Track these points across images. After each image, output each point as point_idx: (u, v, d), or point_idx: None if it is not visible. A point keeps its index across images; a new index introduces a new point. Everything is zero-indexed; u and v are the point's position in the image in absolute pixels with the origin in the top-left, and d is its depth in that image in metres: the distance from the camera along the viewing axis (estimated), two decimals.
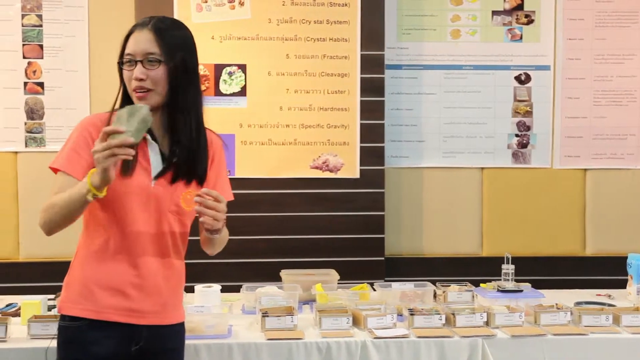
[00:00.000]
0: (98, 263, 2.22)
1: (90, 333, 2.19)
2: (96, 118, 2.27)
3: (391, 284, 3.32)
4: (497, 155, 4.30)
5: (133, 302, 2.23)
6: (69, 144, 2.23)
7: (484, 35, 4.28)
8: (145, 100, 2.19)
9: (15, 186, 4.05)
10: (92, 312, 2.19)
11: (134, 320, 2.23)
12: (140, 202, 2.21)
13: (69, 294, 2.24)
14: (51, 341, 2.49)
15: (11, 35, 4.01)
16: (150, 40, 2.19)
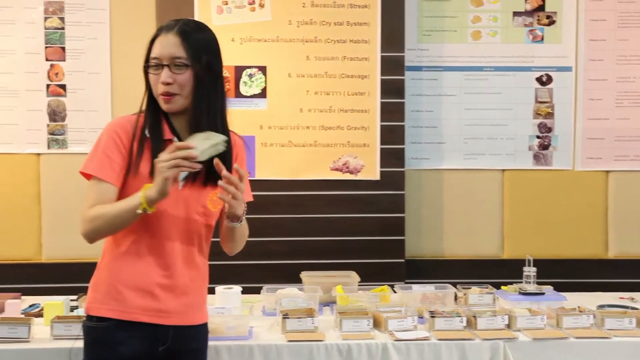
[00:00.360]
0: (126, 264, 2.23)
1: (117, 333, 2.20)
2: (124, 120, 2.28)
3: (412, 286, 3.31)
4: (518, 157, 4.28)
5: (160, 302, 2.25)
6: (100, 148, 2.23)
7: (505, 37, 4.26)
8: (171, 104, 2.21)
9: (37, 188, 4.08)
10: (119, 313, 2.21)
11: (161, 320, 2.25)
12: (168, 204, 2.23)
13: (96, 294, 2.25)
14: (74, 342, 2.51)
15: (34, 38, 4.04)
16: (176, 45, 2.20)
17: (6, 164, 4.05)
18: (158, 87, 2.21)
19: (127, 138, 2.20)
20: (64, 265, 4.03)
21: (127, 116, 2.30)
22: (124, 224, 2.16)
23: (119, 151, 2.19)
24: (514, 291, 3.45)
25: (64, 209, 4.03)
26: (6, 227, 4.05)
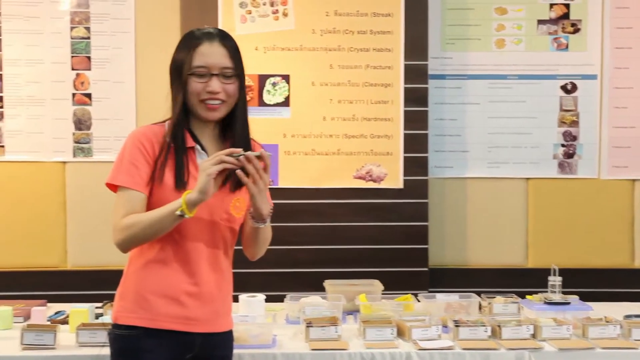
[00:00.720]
0: (153, 272, 2.24)
1: (145, 341, 2.21)
2: (147, 129, 2.29)
3: (435, 295, 3.30)
4: (542, 166, 4.26)
5: (188, 310, 2.25)
6: (125, 158, 2.23)
7: (529, 45, 4.24)
8: (217, 112, 2.25)
9: (63, 196, 4.12)
10: (148, 321, 2.22)
11: (188, 328, 2.26)
12: (197, 211, 2.23)
13: (124, 303, 2.26)
14: (100, 349, 2.53)
15: (60, 48, 4.08)
16: (224, 55, 2.24)
17: (33, 172, 4.09)
18: (202, 94, 2.23)
19: (151, 147, 2.22)
20: (89, 273, 4.06)
21: (149, 126, 2.31)
22: (161, 231, 2.17)
23: (145, 160, 2.20)
24: (539, 301, 3.43)
25: (89, 216, 4.07)
26: (32, 234, 4.09)
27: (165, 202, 2.17)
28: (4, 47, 4.06)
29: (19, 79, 4.07)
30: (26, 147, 4.09)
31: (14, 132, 4.08)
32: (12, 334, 2.85)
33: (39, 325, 2.81)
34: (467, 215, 4.26)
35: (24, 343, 2.69)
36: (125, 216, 2.18)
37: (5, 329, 2.95)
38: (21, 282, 4.02)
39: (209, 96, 2.22)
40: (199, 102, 2.24)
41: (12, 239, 4.09)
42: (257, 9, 3.99)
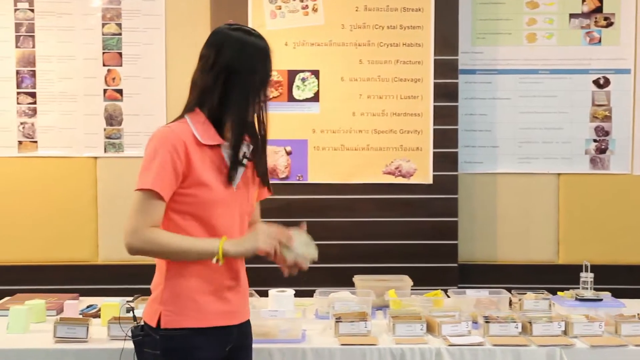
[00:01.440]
0: (198, 273, 2.24)
1: (194, 339, 2.23)
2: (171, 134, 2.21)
3: (465, 291, 3.28)
4: (574, 161, 4.22)
5: (230, 304, 2.29)
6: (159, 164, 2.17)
7: (561, 39, 4.19)
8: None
9: (94, 191, 4.16)
10: (197, 321, 2.23)
11: (230, 321, 2.30)
12: (228, 208, 2.26)
13: (172, 307, 2.23)
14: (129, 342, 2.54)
15: (92, 44, 4.12)
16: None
17: (65, 167, 4.14)
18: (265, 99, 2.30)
19: (184, 152, 2.18)
20: (119, 267, 4.10)
21: (174, 128, 2.24)
22: (183, 260, 2.22)
23: (176, 173, 2.17)
24: (570, 297, 3.40)
25: (120, 211, 4.08)
26: (64, 229, 4.14)
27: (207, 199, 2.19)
28: (37, 43, 4.11)
29: (51, 75, 4.12)
30: (58, 142, 4.13)
31: (47, 127, 4.13)
32: (46, 327, 2.88)
33: (72, 319, 2.84)
34: (497, 211, 4.24)
35: (57, 336, 2.73)
36: (150, 226, 2.16)
37: (38, 322, 2.99)
38: (53, 276, 4.07)
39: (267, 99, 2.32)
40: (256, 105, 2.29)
41: (44, 234, 4.14)
42: (286, 4, 4.00)
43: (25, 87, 4.12)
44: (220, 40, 2.27)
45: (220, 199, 2.23)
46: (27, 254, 4.14)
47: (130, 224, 2.17)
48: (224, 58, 2.24)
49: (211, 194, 2.21)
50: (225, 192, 2.24)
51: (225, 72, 2.23)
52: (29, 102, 4.12)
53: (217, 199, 2.23)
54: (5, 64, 4.11)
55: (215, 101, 2.24)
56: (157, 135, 2.22)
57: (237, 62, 2.24)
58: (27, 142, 4.13)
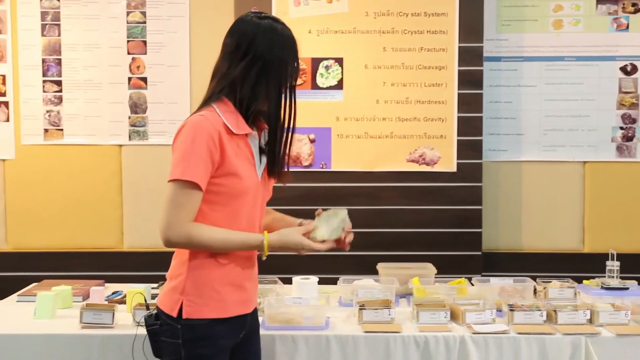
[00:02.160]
0: (220, 263, 2.25)
1: (216, 329, 2.24)
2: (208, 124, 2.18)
3: (490, 279, 3.27)
4: (600, 149, 4.18)
5: (248, 293, 2.32)
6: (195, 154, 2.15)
7: (588, 25, 4.15)
8: None
9: (119, 178, 4.19)
10: (220, 311, 2.25)
11: (247, 309, 2.33)
12: (252, 198, 2.27)
13: (194, 298, 2.23)
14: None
15: (117, 32, 4.14)
16: None
17: (90, 155, 4.17)
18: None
19: (220, 141, 2.17)
20: (144, 254, 4.13)
21: (208, 118, 2.20)
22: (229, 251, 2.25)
23: (213, 163, 2.17)
24: (596, 286, 3.37)
25: (145, 199, 4.13)
26: (90, 216, 4.18)
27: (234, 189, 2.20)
28: (62, 32, 4.13)
29: (76, 63, 4.15)
30: (84, 130, 4.16)
31: (72, 115, 4.16)
32: (72, 313, 2.91)
33: (98, 305, 2.87)
34: (521, 199, 4.21)
35: (83, 322, 2.75)
36: (189, 219, 2.16)
37: (65, 308, 3.02)
38: (79, 263, 4.12)
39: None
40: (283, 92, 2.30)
41: (70, 221, 4.18)
42: None
43: (51, 75, 4.15)
44: (252, 30, 2.24)
45: (248, 188, 2.24)
46: (53, 241, 4.18)
47: (165, 217, 2.14)
48: (257, 48, 2.22)
49: (241, 184, 2.21)
50: (252, 182, 2.25)
51: (258, 62, 2.22)
52: (55, 91, 4.15)
53: (246, 188, 2.23)
54: (32, 53, 4.14)
55: (246, 91, 2.22)
56: (192, 124, 2.18)
57: (271, 52, 2.22)
58: (53, 130, 4.17)
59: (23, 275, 3.86)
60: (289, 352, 2.69)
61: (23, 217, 4.18)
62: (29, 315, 2.90)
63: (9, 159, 4.18)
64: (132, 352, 2.63)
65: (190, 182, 2.13)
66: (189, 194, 2.14)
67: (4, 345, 2.69)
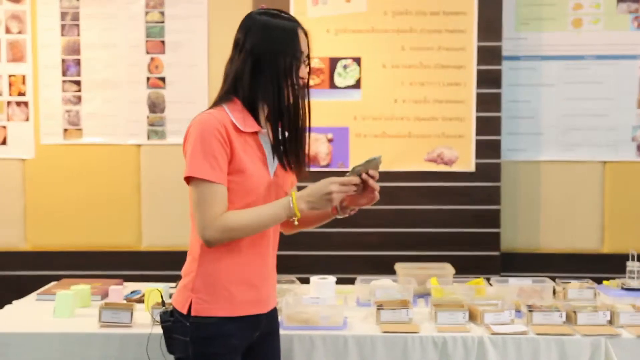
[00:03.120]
0: (231, 262, 2.23)
1: (225, 327, 2.23)
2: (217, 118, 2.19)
3: (508, 279, 3.25)
4: (620, 149, 4.15)
5: (260, 292, 2.28)
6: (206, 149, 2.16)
7: (608, 24, 4.12)
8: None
9: (138, 178, 4.21)
10: (229, 310, 2.23)
11: (260, 309, 2.29)
12: (264, 195, 2.25)
13: (204, 296, 2.23)
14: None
15: (135, 32, 4.16)
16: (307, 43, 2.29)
17: (109, 154, 4.19)
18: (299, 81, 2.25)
19: (228, 137, 2.17)
20: (162, 254, 4.15)
21: (214, 114, 2.20)
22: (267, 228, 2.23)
23: (227, 154, 2.17)
24: (616, 286, 3.34)
25: (163, 198, 4.14)
26: (108, 216, 4.20)
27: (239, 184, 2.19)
28: (82, 32, 4.16)
29: (95, 62, 4.17)
30: (102, 130, 4.19)
31: (91, 115, 4.18)
32: (91, 312, 2.93)
33: (116, 304, 2.87)
34: (540, 198, 4.19)
35: (102, 320, 2.76)
36: (220, 213, 2.15)
37: (84, 307, 3.03)
38: (98, 262, 4.14)
39: (302, 82, 2.26)
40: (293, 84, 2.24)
41: (89, 220, 4.21)
42: None
43: (70, 75, 4.18)
44: (248, 25, 2.26)
45: (258, 186, 2.22)
46: (72, 240, 4.21)
47: (198, 220, 2.15)
48: (249, 42, 2.22)
49: (250, 181, 2.20)
50: (263, 179, 2.23)
51: (251, 56, 2.21)
52: (74, 90, 4.18)
53: (255, 186, 2.22)
54: (51, 52, 4.17)
55: (246, 88, 2.22)
56: (199, 122, 2.18)
57: (261, 45, 2.21)
58: (72, 130, 4.19)
59: (42, 274, 3.88)
60: (306, 352, 2.69)
61: (42, 216, 4.21)
62: (48, 314, 2.92)
63: (28, 159, 4.21)
64: (147, 350, 2.63)
65: (203, 179, 2.14)
66: (211, 190, 2.14)
67: (23, 344, 2.71)
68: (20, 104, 4.19)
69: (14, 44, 4.17)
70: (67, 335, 2.72)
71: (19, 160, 4.21)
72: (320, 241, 3.54)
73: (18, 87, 4.18)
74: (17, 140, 4.20)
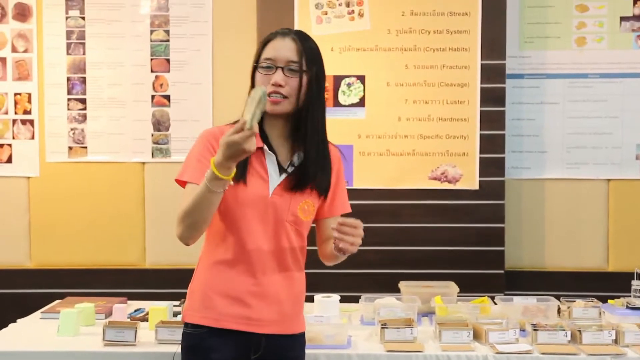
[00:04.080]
0: (218, 272, 2.26)
1: (210, 340, 2.24)
2: (216, 129, 2.30)
3: (513, 298, 3.24)
4: (624, 167, 4.14)
5: (252, 310, 2.25)
6: (194, 156, 2.25)
7: (612, 42, 4.13)
8: (278, 105, 2.22)
9: (142, 195, 4.21)
10: (212, 320, 2.24)
11: (252, 328, 2.25)
12: (258, 212, 2.24)
13: (191, 302, 2.30)
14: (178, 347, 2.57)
15: (140, 51, 4.18)
16: (292, 50, 2.23)
17: (113, 172, 4.20)
18: (267, 87, 2.19)
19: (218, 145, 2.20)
20: (166, 271, 4.15)
21: (219, 126, 2.33)
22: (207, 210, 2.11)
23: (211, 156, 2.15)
24: (621, 305, 3.34)
25: (167, 216, 4.14)
26: (113, 233, 4.20)
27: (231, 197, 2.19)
28: (87, 50, 4.18)
29: (101, 81, 4.19)
30: (107, 148, 4.20)
31: (96, 133, 4.19)
32: (95, 330, 2.93)
33: (120, 322, 2.88)
34: (544, 217, 4.18)
35: (106, 339, 2.76)
36: None
37: (87, 325, 3.03)
38: (102, 280, 4.14)
39: (273, 89, 2.20)
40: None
41: (93, 238, 4.21)
42: (332, 9, 4.00)
43: (75, 93, 4.19)
44: None
45: (251, 200, 2.21)
46: (77, 258, 4.21)
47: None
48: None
49: (243, 193, 2.21)
50: (257, 194, 2.22)
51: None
52: (79, 108, 4.19)
53: (249, 199, 2.21)
54: (57, 71, 4.19)
55: None
56: (199, 135, 2.31)
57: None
58: (77, 148, 4.20)
59: (46, 292, 3.89)
60: None
61: (47, 234, 4.21)
62: (52, 332, 2.92)
63: (33, 177, 4.21)
64: None
65: (185, 183, 2.23)
66: (186, 190, 2.21)
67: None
68: (26, 122, 4.21)
69: (20, 63, 4.19)
70: (71, 353, 2.72)
71: (24, 178, 4.22)
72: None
73: (23, 105, 4.20)
74: (22, 158, 4.21)
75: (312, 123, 2.26)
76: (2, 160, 4.21)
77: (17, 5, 4.18)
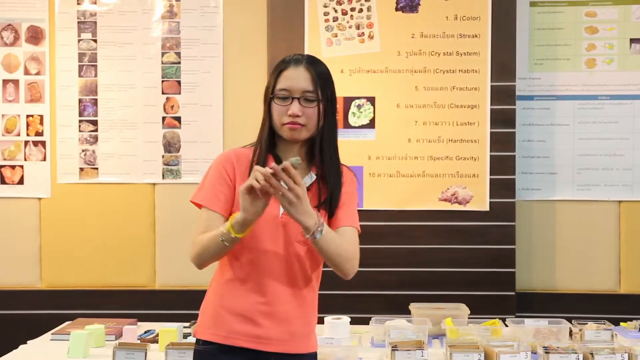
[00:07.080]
0: (230, 290, 2.28)
1: (220, 357, 2.25)
2: (233, 152, 2.34)
3: (524, 320, 3.23)
4: (635, 188, 4.13)
5: (261, 329, 2.26)
6: (207, 179, 2.31)
7: (622, 64, 4.13)
8: (297, 133, 2.26)
9: (152, 217, 4.22)
10: (222, 337, 2.25)
11: (261, 347, 2.26)
12: (268, 231, 2.25)
13: (203, 319, 2.32)
14: None
15: (152, 73, 4.21)
16: (307, 79, 2.26)
17: (124, 193, 4.22)
18: (283, 118, 2.25)
19: (232, 170, 2.28)
20: (176, 293, 4.15)
21: (236, 149, 2.36)
22: (217, 250, 2.20)
23: (226, 182, 2.26)
24: (633, 328, 3.31)
25: (178, 237, 4.15)
26: (123, 254, 4.21)
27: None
28: (99, 72, 4.21)
29: (112, 103, 4.21)
30: (118, 169, 4.22)
31: (108, 154, 4.22)
32: (105, 352, 2.93)
33: (130, 344, 2.88)
34: (555, 238, 4.17)
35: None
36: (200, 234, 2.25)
37: (98, 347, 3.03)
38: (112, 301, 4.14)
39: (290, 120, 2.25)
40: (281, 125, 2.27)
41: (103, 259, 4.22)
42: (343, 32, 4.02)
43: (87, 115, 4.22)
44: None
45: (260, 221, 2.20)
46: (87, 279, 4.21)
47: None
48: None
49: None
50: (266, 215, 2.20)
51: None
52: (91, 130, 4.22)
53: (258, 221, 2.19)
54: (69, 93, 4.22)
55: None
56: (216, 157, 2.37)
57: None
58: (88, 169, 4.22)
59: (57, 313, 3.89)
60: None
61: (57, 256, 4.23)
62: (62, 354, 2.92)
63: (44, 198, 4.23)
64: None
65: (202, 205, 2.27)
66: (201, 215, 2.28)
67: None
68: (38, 143, 4.23)
69: (32, 85, 4.23)
70: None
71: (35, 199, 4.24)
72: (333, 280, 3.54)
73: (35, 127, 4.23)
74: (34, 180, 4.23)
75: (328, 147, 2.32)
76: (13, 181, 4.24)
77: (30, 29, 4.23)
